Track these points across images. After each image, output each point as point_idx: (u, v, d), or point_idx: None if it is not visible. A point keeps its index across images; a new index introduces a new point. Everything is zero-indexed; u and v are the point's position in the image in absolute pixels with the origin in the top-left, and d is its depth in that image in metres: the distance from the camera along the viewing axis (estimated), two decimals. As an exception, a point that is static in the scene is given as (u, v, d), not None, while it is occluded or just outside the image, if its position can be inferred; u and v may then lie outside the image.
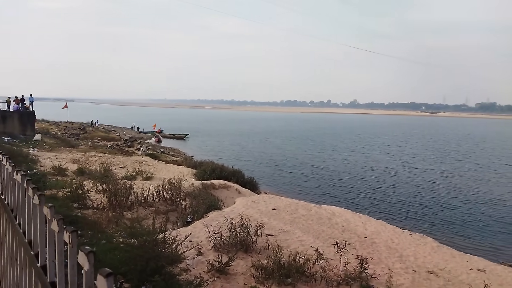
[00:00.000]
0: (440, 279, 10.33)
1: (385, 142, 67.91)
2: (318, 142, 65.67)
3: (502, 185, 32.64)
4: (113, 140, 47.88)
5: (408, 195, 28.47)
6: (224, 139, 68.31)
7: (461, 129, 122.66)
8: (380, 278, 9.31)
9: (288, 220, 14.16)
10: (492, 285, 9.84)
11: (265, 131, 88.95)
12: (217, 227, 11.38)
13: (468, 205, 26.05)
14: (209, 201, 15.56)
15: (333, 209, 17.48)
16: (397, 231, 15.32)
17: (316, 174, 36.24)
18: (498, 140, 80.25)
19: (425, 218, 23.07)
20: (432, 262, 11.89)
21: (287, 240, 11.56)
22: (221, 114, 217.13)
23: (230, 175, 23.78)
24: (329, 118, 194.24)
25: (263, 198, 18.08)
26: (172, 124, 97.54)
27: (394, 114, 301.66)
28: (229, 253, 9.20)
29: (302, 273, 8.52)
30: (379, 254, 11.76)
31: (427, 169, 39.41)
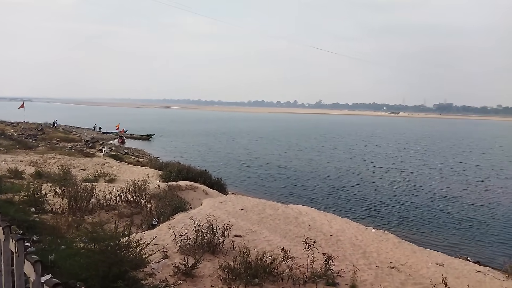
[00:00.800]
0: (402, 274, 10.72)
1: (349, 142, 69.78)
2: (284, 142, 66.39)
3: (458, 183, 34.48)
4: (73, 141, 46.03)
5: (371, 194, 29.41)
6: (190, 139, 67.51)
7: (420, 129, 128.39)
8: (345, 275, 9.52)
9: (255, 220, 14.18)
10: (450, 278, 10.33)
11: (232, 131, 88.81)
12: (184, 229, 11.18)
13: (427, 202, 27.29)
14: (175, 203, 15.26)
15: (300, 208, 17.71)
16: (361, 228, 15.76)
17: (282, 174, 36.61)
18: (454, 140, 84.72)
19: (387, 215, 23.93)
20: (394, 257, 12.33)
21: (255, 240, 11.56)
22: (187, 114, 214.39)
23: (197, 176, 23.49)
24: (295, 118, 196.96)
25: (231, 199, 18.00)
26: (136, 124, 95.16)
27: (358, 114, 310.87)
28: (195, 255, 9.06)
29: (269, 272, 8.54)
30: (344, 251, 12.04)
31: (388, 168, 40.89)
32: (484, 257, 17.12)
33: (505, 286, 11.06)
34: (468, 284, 10.50)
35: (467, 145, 71.67)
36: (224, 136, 75.05)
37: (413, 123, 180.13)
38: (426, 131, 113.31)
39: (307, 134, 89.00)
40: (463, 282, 10.70)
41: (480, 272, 12.10)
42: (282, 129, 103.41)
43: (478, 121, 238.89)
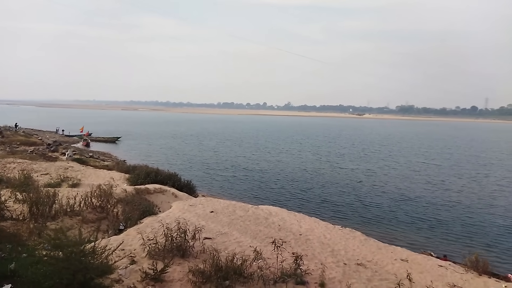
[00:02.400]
0: (368, 271, 11.06)
1: (316, 143, 70.96)
2: (253, 144, 66.57)
3: (419, 182, 35.96)
4: (35, 145, 44.01)
5: (338, 193, 30.11)
6: (158, 142, 66.29)
7: (383, 130, 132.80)
8: (313, 273, 9.70)
9: (226, 222, 14.15)
10: (414, 273, 10.78)
11: (200, 133, 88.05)
12: (152, 233, 10.98)
13: (391, 201, 28.29)
14: (144, 206, 14.97)
15: (270, 209, 17.84)
16: (329, 227, 16.11)
17: (252, 175, 36.73)
18: (416, 140, 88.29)
19: (354, 214, 24.59)
20: (361, 254, 12.69)
21: (225, 242, 11.54)
22: (155, 116, 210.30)
23: (166, 179, 23.14)
24: (265, 120, 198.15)
25: (201, 201, 17.85)
26: (102, 127, 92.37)
27: (325, 116, 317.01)
28: (165, 259, 8.93)
29: (240, 274, 8.56)
30: (313, 250, 12.26)
31: (353, 169, 41.99)
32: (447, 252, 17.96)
33: (465, 278, 11.67)
34: (431, 278, 10.99)
35: (428, 145, 74.84)
36: (192, 138, 74.27)
37: (377, 124, 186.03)
38: (389, 132, 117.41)
39: (276, 136, 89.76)
40: (426, 277, 11.18)
41: (442, 267, 12.68)
42: (251, 131, 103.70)
43: (438, 122, 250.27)
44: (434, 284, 10.15)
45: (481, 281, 11.65)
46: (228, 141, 71.25)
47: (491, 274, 12.72)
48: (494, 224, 22.93)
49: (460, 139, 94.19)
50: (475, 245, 18.69)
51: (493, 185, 34.52)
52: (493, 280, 11.89)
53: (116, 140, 64.93)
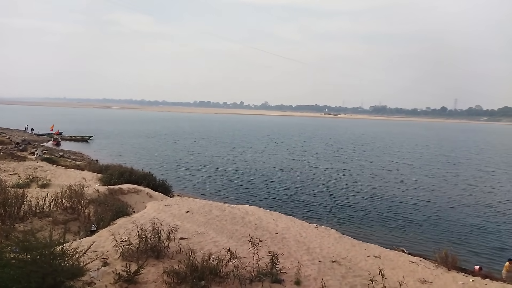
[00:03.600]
0: (343, 268, 11.25)
1: (291, 143, 71.56)
2: (229, 143, 66.35)
3: (392, 182, 36.95)
4: (2, 144, 42.32)
5: (314, 192, 30.49)
6: (132, 141, 65.01)
7: (357, 129, 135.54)
8: (289, 272, 9.77)
9: (202, 222, 14.03)
10: (386, 270, 11.04)
11: (176, 132, 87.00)
12: (126, 234, 10.74)
13: (365, 199, 28.91)
14: (117, 207, 14.62)
15: (247, 208, 17.84)
16: (305, 225, 16.28)
17: (228, 175, 36.64)
18: (388, 140, 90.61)
19: (329, 212, 24.97)
20: (335, 252, 12.90)
21: (201, 242, 11.44)
22: (129, 114, 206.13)
23: (140, 178, 22.71)
24: (241, 119, 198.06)
25: (176, 201, 17.62)
26: (73, 125, 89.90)
27: (301, 115, 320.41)
28: (138, 261, 8.74)
29: (216, 274, 8.51)
30: (289, 248, 12.35)
31: (328, 168, 42.65)
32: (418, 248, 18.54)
33: (435, 274, 12.07)
34: (403, 274, 11.30)
35: (399, 145, 76.97)
36: (167, 138, 73.22)
37: (351, 124, 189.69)
38: (363, 132, 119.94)
39: (252, 135, 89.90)
40: (398, 273, 11.49)
41: (413, 263, 13.07)
42: (227, 130, 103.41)
43: (409, 122, 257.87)
44: (405, 280, 10.43)
45: (450, 276, 12.09)
46: (203, 140, 70.77)
47: (460, 269, 13.22)
48: (463, 221, 23.84)
49: (430, 139, 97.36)
50: (445, 242, 19.32)
51: (462, 184, 35.85)
52: (461, 275, 12.35)
53: (88, 139, 63.26)
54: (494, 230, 22.17)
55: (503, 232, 21.97)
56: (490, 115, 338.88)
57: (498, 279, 13.07)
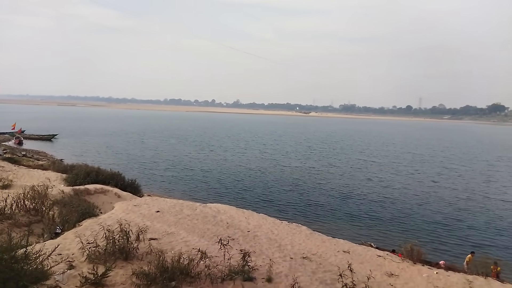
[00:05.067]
0: (313, 263, 11.42)
1: (262, 142, 71.88)
2: (199, 142, 65.69)
3: (360, 179, 37.93)
4: (-44, 143, 39.74)
5: (285, 190, 30.82)
6: (99, 139, 63.09)
7: (327, 128, 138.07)
8: (261, 269, 9.80)
9: (172, 222, 13.81)
10: (355, 264, 11.31)
11: (144, 131, 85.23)
12: (92, 236, 10.40)
13: (334, 196, 29.54)
14: (83, 208, 14.13)
15: (218, 207, 17.73)
16: (276, 222, 16.39)
17: (199, 174, 36.36)
18: (356, 138, 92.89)
19: (300, 209, 25.32)
20: (306, 248, 13.08)
21: (172, 242, 11.26)
22: (96, 112, 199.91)
23: (108, 178, 22.06)
24: (213, 117, 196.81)
25: (146, 201, 17.25)
26: (37, 124, 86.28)
27: (273, 114, 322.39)
28: (106, 263, 8.48)
29: (187, 274, 8.40)
30: (260, 246, 12.39)
31: (299, 166, 43.25)
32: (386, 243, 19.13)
33: (401, 267, 12.50)
34: (370, 268, 11.61)
35: (367, 142, 79.12)
36: (135, 136, 71.56)
37: (322, 122, 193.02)
38: (333, 130, 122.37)
39: (223, 133, 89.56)
40: (366, 267, 11.80)
41: (381, 257, 13.47)
42: (198, 129, 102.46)
43: (377, 120, 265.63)
44: (373, 274, 10.73)
45: (416, 269, 12.55)
46: (173, 139, 69.75)
47: (424, 262, 13.76)
48: (428, 217, 24.84)
49: (396, 137, 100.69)
50: (411, 236, 20.06)
51: (427, 181, 37.30)
52: (426, 268, 12.85)
53: (52, 137, 60.89)
54: (457, 225, 23.26)
55: (465, 227, 23.08)
56: (452, 114, 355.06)
57: (460, 270, 13.71)
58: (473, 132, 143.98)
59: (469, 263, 15.29)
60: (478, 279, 12.03)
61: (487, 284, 11.74)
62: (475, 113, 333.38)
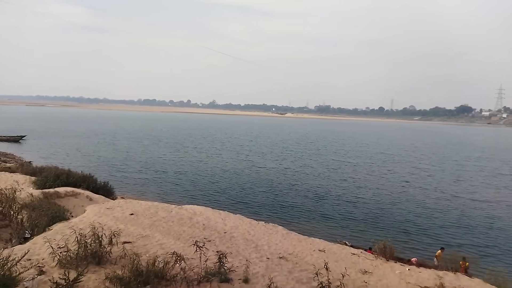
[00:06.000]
0: (290, 263, 11.51)
1: (238, 142, 71.81)
2: (173, 143, 64.69)
3: (334, 179, 38.55)
4: None
5: (262, 191, 30.92)
6: (69, 141, 61.16)
7: (303, 128, 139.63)
8: (238, 270, 9.79)
9: (147, 224, 13.57)
10: (330, 263, 11.48)
11: (117, 132, 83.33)
12: (63, 240, 10.08)
13: (310, 196, 29.91)
14: (53, 212, 13.65)
15: (194, 209, 17.58)
16: (253, 223, 16.42)
17: (174, 175, 35.94)
18: (331, 138, 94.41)
19: (276, 209, 25.45)
20: (283, 248, 13.17)
21: (146, 246, 11.06)
22: (66, 112, 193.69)
23: (79, 181, 21.42)
24: (188, 118, 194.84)
25: (119, 204, 16.87)
26: (4, 124, 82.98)
27: (249, 114, 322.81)
28: (78, 268, 8.24)
29: (162, 277, 8.27)
30: (237, 247, 12.37)
31: (274, 168, 43.51)
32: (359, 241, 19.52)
33: (374, 264, 12.80)
34: (345, 266, 11.83)
35: (341, 143, 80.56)
36: (106, 137, 69.77)
37: (297, 123, 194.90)
38: (308, 131, 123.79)
39: (199, 134, 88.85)
40: (341, 265, 12.01)
41: (355, 255, 13.75)
42: (173, 129, 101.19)
43: (351, 121, 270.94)
44: (348, 271, 10.93)
45: (389, 265, 12.88)
46: (147, 140, 68.49)
47: (397, 259, 14.14)
48: (400, 215, 25.56)
49: (369, 138, 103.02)
50: (384, 234, 20.60)
51: (399, 181, 38.34)
52: (398, 265, 13.22)
53: (20, 139, 58.55)
54: (428, 223, 24.04)
55: (436, 225, 23.87)
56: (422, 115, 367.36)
57: (431, 266, 14.18)
58: (442, 133, 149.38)
59: (438, 258, 15.83)
60: (448, 275, 12.49)
61: (456, 279, 12.20)
62: (444, 114, 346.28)
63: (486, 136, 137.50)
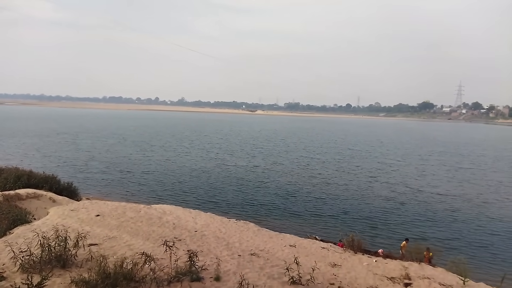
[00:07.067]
0: (261, 259, 11.58)
1: (208, 140, 71.20)
2: (140, 142, 63.04)
3: (303, 176, 39.14)
4: None
5: (232, 189, 30.92)
6: (29, 140, 58.39)
7: (273, 125, 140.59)
8: (209, 268, 9.74)
9: (114, 225, 13.22)
10: (301, 257, 11.65)
11: (80, 131, 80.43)
12: (25, 244, 9.65)
13: (280, 192, 30.23)
14: (14, 215, 13.05)
15: (164, 208, 17.32)
16: (224, 221, 16.39)
17: (142, 175, 35.25)
18: (300, 135, 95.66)
19: (247, 207, 25.53)
20: (254, 244, 13.23)
21: (114, 247, 10.78)
22: (26, 111, 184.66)
23: (41, 182, 20.54)
24: (156, 116, 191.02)
25: (84, 205, 16.33)
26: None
27: (219, 112, 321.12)
28: (41, 272, 7.91)
29: (131, 279, 8.10)
30: (208, 245, 12.30)
31: (244, 166, 43.59)
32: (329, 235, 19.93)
33: (343, 257, 13.13)
34: (315, 260, 12.05)
35: (310, 140, 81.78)
36: (68, 137, 67.07)
37: (268, 120, 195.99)
38: (278, 128, 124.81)
39: (167, 132, 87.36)
40: (311, 259, 12.22)
41: (325, 248, 14.03)
42: (140, 128, 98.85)
43: (319, 118, 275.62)
44: (318, 265, 11.14)
45: (357, 258, 13.25)
46: (112, 139, 66.48)
47: (364, 251, 14.58)
48: (368, 209, 26.33)
49: (337, 134, 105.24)
50: (352, 227, 21.15)
51: (365, 176, 39.42)
52: (366, 257, 13.63)
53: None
54: (394, 216, 24.90)
55: (401, 218, 24.76)
56: (387, 111, 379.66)
57: (397, 257, 14.72)
58: (406, 128, 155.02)
59: (403, 249, 16.46)
60: (413, 265, 13.01)
61: (421, 268, 12.74)
62: (407, 111, 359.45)
63: (447, 131, 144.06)
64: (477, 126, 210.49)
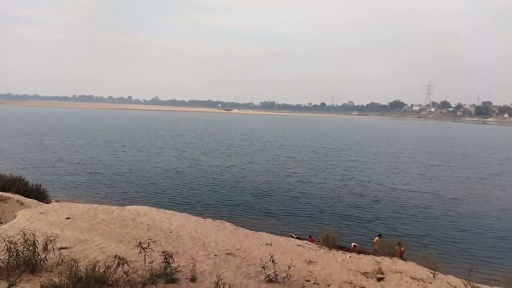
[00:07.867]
0: (237, 258, 11.57)
1: (182, 140, 70.41)
2: (111, 142, 61.51)
3: (278, 175, 39.43)
4: None
5: (208, 189, 30.78)
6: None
7: (248, 124, 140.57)
8: (185, 269, 9.65)
9: (85, 228, 12.85)
10: (276, 255, 11.75)
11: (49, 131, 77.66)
12: (-10, 250, 9.20)
13: (255, 192, 30.33)
14: (-23, 219, 12.43)
15: (138, 209, 16.99)
16: (200, 221, 16.26)
17: (115, 176, 34.50)
18: (275, 134, 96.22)
19: (223, 206, 25.46)
20: (231, 244, 13.21)
21: (85, 250, 10.48)
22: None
23: (8, 184, 19.78)
24: (129, 115, 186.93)
25: (54, 208, 15.78)
26: None
27: (194, 111, 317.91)
28: (9, 277, 7.60)
29: (103, 282, 7.91)
30: (184, 246, 12.17)
31: (219, 165, 43.47)
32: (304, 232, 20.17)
33: (319, 254, 13.32)
34: (291, 257, 12.16)
35: (285, 139, 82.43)
36: (35, 137, 64.57)
37: (243, 119, 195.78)
38: (254, 127, 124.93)
39: (140, 132, 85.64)
40: (287, 257, 12.32)
41: (300, 246, 14.18)
42: (112, 127, 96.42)
43: (294, 116, 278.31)
44: (293, 262, 11.25)
45: (332, 254, 13.48)
46: (82, 139, 64.44)
47: (339, 248, 14.84)
48: (342, 206, 26.84)
49: (312, 132, 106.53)
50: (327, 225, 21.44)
51: (340, 174, 40.14)
52: (340, 253, 13.89)
53: None
54: (368, 213, 25.52)
55: (373, 213, 25.40)
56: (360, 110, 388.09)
57: (370, 253, 15.08)
58: (379, 127, 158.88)
59: (376, 244, 16.87)
60: (385, 260, 13.37)
61: (393, 263, 13.10)
62: (379, 109, 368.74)
63: (417, 129, 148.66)
64: (445, 124, 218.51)
